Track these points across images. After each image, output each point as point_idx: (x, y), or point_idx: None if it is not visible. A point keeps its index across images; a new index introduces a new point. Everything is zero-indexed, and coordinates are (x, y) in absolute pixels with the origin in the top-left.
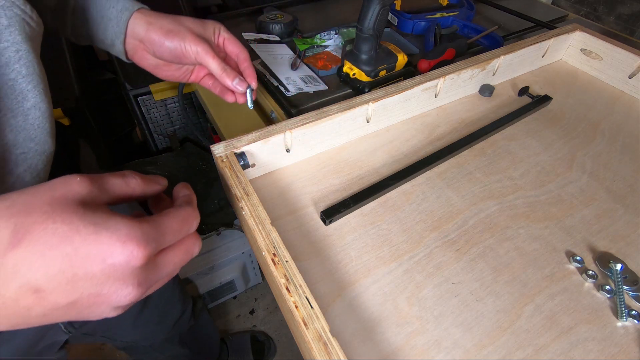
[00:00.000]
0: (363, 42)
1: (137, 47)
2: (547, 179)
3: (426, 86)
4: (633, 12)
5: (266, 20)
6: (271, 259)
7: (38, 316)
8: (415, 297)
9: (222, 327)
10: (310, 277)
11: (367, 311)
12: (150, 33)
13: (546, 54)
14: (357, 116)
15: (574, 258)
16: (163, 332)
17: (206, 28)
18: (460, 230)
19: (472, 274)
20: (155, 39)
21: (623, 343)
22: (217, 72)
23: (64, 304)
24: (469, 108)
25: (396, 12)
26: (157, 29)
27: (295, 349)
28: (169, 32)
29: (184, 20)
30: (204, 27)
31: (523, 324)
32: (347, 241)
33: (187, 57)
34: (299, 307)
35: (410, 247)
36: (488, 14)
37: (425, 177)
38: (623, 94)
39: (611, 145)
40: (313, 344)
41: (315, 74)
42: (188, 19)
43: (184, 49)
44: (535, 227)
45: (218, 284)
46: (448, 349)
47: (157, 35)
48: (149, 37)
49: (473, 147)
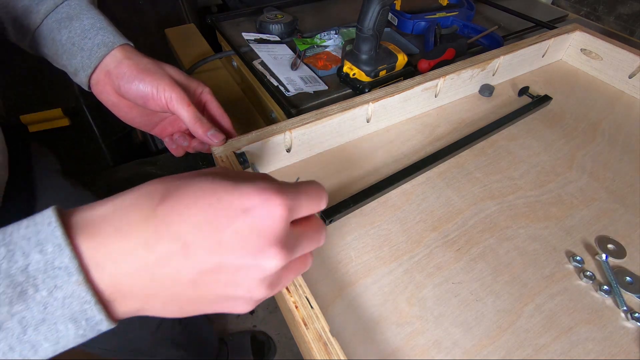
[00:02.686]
0: (363, 42)
1: (100, 79)
2: (547, 179)
3: (426, 86)
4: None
5: (266, 20)
6: None
7: (188, 283)
8: (416, 297)
9: (222, 327)
10: (310, 277)
11: (367, 311)
12: (122, 67)
13: (546, 54)
14: (357, 116)
15: (574, 258)
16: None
17: (190, 81)
18: (461, 230)
19: (472, 274)
20: (125, 74)
21: (623, 343)
22: (190, 122)
23: (212, 266)
24: (469, 108)
25: (396, 12)
26: (132, 64)
27: (295, 349)
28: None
29: (166, 66)
30: (187, 80)
31: (523, 324)
32: (347, 241)
33: (156, 103)
34: (299, 307)
35: (411, 247)
36: (488, 14)
37: (425, 177)
38: (623, 94)
39: (611, 145)
40: (313, 344)
41: (315, 74)
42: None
43: (155, 92)
44: (535, 227)
45: None
46: (448, 349)
47: (129, 70)
48: (119, 70)
49: (473, 147)
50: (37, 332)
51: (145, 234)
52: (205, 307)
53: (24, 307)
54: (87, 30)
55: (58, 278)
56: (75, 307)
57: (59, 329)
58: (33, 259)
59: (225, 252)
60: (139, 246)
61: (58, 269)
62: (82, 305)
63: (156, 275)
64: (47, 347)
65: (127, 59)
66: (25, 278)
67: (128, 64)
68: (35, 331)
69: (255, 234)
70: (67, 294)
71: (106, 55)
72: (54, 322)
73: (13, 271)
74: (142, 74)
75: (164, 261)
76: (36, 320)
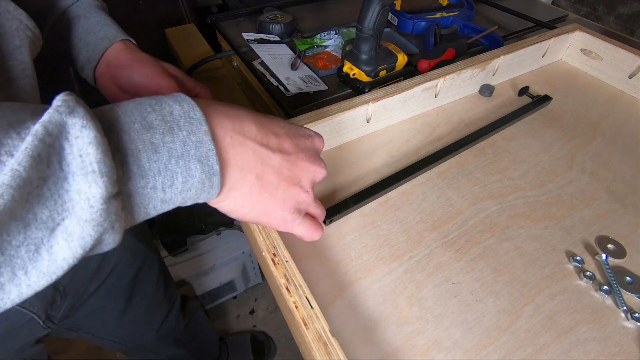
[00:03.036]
0: (363, 42)
1: (102, 72)
2: (547, 179)
3: (426, 86)
4: (633, 12)
5: (266, 20)
6: (271, 259)
7: (274, 167)
8: (416, 297)
9: (222, 327)
10: (310, 277)
11: (367, 311)
12: (120, 58)
13: (546, 54)
14: (357, 116)
15: (574, 258)
16: (151, 331)
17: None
18: (460, 230)
19: (472, 274)
20: (121, 64)
21: (623, 343)
22: None
23: (291, 156)
24: (469, 108)
25: (396, 12)
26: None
27: (295, 349)
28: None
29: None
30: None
31: (523, 324)
32: (347, 241)
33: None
34: (299, 307)
35: (410, 247)
36: (488, 14)
37: (425, 177)
38: (623, 94)
39: (611, 145)
40: (313, 344)
41: (315, 74)
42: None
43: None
44: (535, 227)
45: (218, 284)
46: (448, 349)
47: (125, 61)
48: (117, 61)
49: (473, 147)
50: (177, 164)
51: (255, 121)
52: (273, 197)
53: (171, 140)
54: (92, 27)
55: (193, 125)
56: (202, 151)
57: (190, 167)
58: (175, 108)
59: (299, 150)
60: (252, 124)
61: (193, 118)
62: (208, 152)
63: (257, 151)
64: (179, 182)
65: (125, 51)
66: (172, 119)
67: (125, 55)
68: (176, 163)
69: (314, 150)
70: (198, 140)
71: (108, 47)
72: (188, 159)
73: (164, 112)
74: (136, 63)
75: (265, 140)
76: (177, 153)
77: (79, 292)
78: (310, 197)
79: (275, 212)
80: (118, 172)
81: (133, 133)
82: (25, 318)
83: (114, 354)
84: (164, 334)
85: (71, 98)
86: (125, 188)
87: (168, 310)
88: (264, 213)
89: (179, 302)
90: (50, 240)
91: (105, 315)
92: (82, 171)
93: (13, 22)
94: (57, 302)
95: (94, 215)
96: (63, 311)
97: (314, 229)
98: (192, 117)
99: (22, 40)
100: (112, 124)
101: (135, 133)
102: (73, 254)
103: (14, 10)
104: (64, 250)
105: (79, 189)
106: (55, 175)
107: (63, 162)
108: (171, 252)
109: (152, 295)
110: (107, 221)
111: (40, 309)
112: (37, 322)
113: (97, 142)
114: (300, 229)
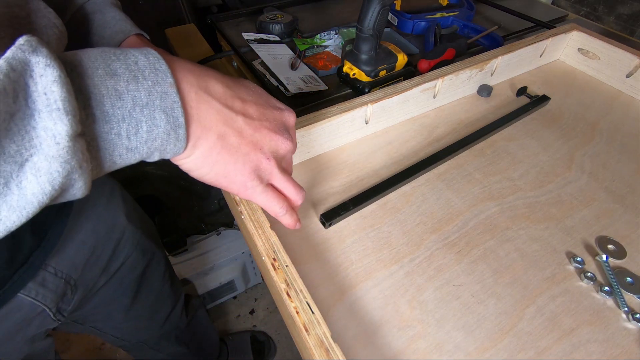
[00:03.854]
0: (363, 42)
1: None
2: (546, 180)
3: (425, 87)
4: (633, 12)
5: (266, 20)
6: (271, 264)
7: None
8: (417, 300)
9: (222, 327)
10: (310, 281)
11: (368, 315)
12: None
13: (544, 53)
14: (355, 118)
15: (574, 259)
16: (155, 327)
17: None
18: (461, 231)
19: (473, 276)
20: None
21: (625, 344)
22: None
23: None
24: (468, 109)
25: (396, 12)
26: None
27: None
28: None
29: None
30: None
31: (525, 327)
32: (347, 244)
33: None
34: (300, 313)
35: (411, 249)
36: (488, 14)
37: (424, 179)
38: (621, 93)
39: (610, 145)
40: (314, 350)
41: (315, 74)
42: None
43: None
44: (536, 228)
45: (218, 284)
46: (450, 353)
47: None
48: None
49: (472, 148)
50: (141, 113)
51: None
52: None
53: (135, 88)
54: (108, 21)
55: (158, 76)
56: (167, 102)
57: (154, 117)
58: (140, 59)
59: (265, 119)
60: (219, 84)
61: (159, 70)
62: (173, 104)
63: (221, 111)
64: (144, 131)
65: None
66: (137, 68)
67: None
68: (141, 111)
69: (281, 122)
70: (163, 91)
71: (123, 41)
72: (153, 109)
73: (129, 61)
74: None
75: (230, 102)
76: (142, 102)
77: (89, 285)
78: (272, 164)
79: (235, 175)
80: (81, 115)
81: (96, 78)
82: (37, 310)
83: (114, 353)
84: (167, 331)
85: (34, 39)
86: (89, 131)
87: (172, 306)
88: (223, 175)
89: (182, 299)
90: (19, 175)
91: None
92: (47, 109)
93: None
94: (68, 295)
95: (60, 152)
96: (73, 304)
97: (275, 200)
98: (157, 69)
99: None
100: (75, 66)
101: (98, 78)
102: (42, 189)
103: (44, 9)
104: (33, 185)
105: (45, 125)
106: (21, 111)
107: (29, 99)
108: (171, 252)
109: (159, 290)
110: (73, 159)
111: (52, 302)
112: (47, 314)
113: (62, 82)
114: (261, 198)
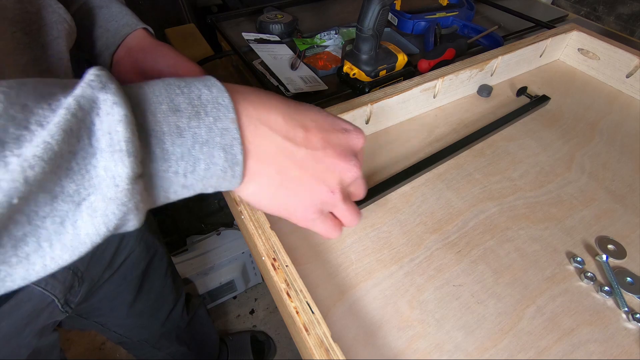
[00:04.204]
0: (363, 42)
1: (121, 57)
2: (546, 180)
3: (425, 87)
4: (633, 12)
5: (266, 20)
6: (271, 264)
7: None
8: (417, 300)
9: (222, 327)
10: (310, 281)
11: (368, 315)
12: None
13: (544, 53)
14: (355, 118)
15: (574, 259)
16: (156, 325)
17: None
18: (461, 232)
19: (473, 276)
20: (145, 48)
21: (625, 344)
22: None
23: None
24: (468, 109)
25: (396, 12)
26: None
27: (295, 349)
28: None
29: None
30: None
31: (525, 327)
32: (347, 244)
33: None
34: (300, 313)
35: (411, 249)
36: (488, 14)
37: (424, 179)
38: (621, 93)
39: (610, 145)
40: (314, 350)
41: (315, 74)
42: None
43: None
44: (536, 228)
45: (218, 284)
46: (450, 353)
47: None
48: (141, 44)
49: (472, 148)
50: (200, 151)
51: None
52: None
53: (197, 125)
54: (114, 15)
55: (220, 111)
56: (227, 139)
57: (213, 155)
58: (204, 93)
59: (329, 146)
60: (279, 116)
61: (221, 105)
62: (232, 140)
63: (281, 145)
64: (202, 169)
65: (147, 38)
66: (199, 103)
67: (149, 41)
68: (200, 149)
69: (347, 146)
70: (224, 127)
71: (129, 34)
72: (212, 146)
73: (192, 95)
74: (161, 47)
75: (291, 133)
76: (202, 139)
77: (94, 279)
78: (336, 197)
79: (296, 209)
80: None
81: (159, 114)
82: (47, 300)
83: (114, 352)
84: (168, 329)
85: (103, 73)
86: (147, 169)
87: (174, 304)
88: (284, 208)
89: (184, 297)
90: (75, 214)
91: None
92: (110, 149)
93: (53, 15)
94: (75, 287)
95: (118, 195)
96: (79, 297)
97: (332, 229)
98: (220, 103)
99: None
100: (140, 102)
101: (161, 115)
102: (96, 230)
103: (54, 4)
104: (88, 226)
105: (106, 165)
106: (84, 150)
107: (92, 137)
108: (171, 252)
109: (161, 287)
110: (131, 201)
111: (60, 293)
112: (56, 305)
113: (127, 121)
114: (319, 228)
